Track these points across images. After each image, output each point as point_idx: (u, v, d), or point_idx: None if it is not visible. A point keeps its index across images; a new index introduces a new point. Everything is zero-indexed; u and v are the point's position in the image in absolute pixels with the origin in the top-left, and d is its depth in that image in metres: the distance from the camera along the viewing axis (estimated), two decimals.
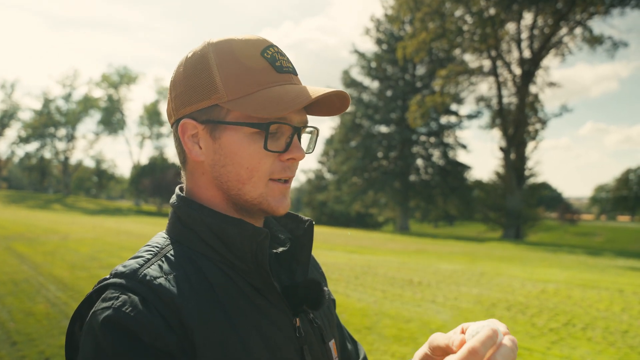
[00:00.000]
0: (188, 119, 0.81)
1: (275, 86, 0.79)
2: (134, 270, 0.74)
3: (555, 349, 5.26)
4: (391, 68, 37.20)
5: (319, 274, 1.05)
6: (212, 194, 0.83)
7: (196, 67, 0.80)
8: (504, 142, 30.17)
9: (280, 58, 0.82)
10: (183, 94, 0.82)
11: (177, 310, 0.70)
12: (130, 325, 0.67)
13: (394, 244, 19.76)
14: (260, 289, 0.79)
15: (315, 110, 0.87)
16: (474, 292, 8.20)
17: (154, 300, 0.70)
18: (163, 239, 0.83)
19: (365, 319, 6.28)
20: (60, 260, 10.39)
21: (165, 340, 0.68)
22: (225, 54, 0.79)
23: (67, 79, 59.15)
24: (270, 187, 0.81)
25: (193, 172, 0.85)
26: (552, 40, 28.69)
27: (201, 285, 0.76)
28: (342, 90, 0.80)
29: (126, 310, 0.68)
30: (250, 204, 0.81)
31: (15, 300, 6.70)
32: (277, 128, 0.79)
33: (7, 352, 4.69)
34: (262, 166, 0.79)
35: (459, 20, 29.27)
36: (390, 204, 38.74)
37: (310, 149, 0.90)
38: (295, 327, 0.81)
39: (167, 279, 0.73)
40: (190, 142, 0.82)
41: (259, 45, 0.81)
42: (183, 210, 0.83)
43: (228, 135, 0.79)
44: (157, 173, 47.06)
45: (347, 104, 0.84)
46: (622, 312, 6.97)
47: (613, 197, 63.57)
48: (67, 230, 17.63)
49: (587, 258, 15.73)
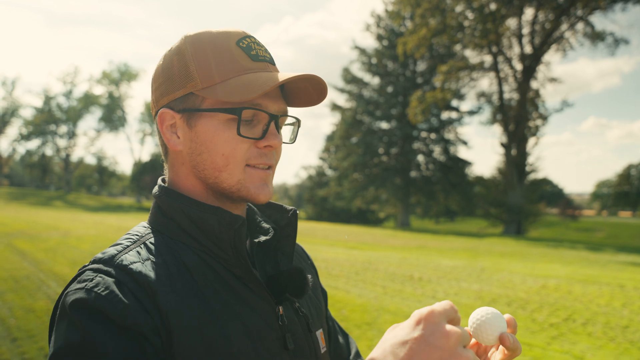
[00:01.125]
0: (166, 108, 0.82)
1: (249, 73, 0.79)
2: (112, 255, 0.75)
3: (555, 344, 5.26)
4: (392, 64, 37.08)
5: (308, 265, 1.04)
6: (191, 184, 0.84)
7: (172, 59, 0.82)
8: (505, 137, 30.10)
9: (256, 48, 0.83)
10: (162, 85, 0.83)
11: (152, 294, 0.71)
12: (100, 305, 0.67)
13: (395, 240, 19.76)
14: (242, 277, 0.79)
15: (294, 101, 0.87)
16: (475, 288, 8.20)
17: (129, 283, 0.70)
18: (144, 228, 0.84)
19: (365, 314, 6.29)
20: (61, 257, 10.41)
21: (137, 321, 0.68)
22: (201, 44, 0.81)
23: (67, 76, 59.11)
24: (249, 174, 0.81)
25: (174, 163, 0.86)
26: (553, 36, 28.57)
27: (180, 273, 0.76)
28: (316, 75, 0.80)
29: (98, 290, 0.68)
30: (229, 192, 0.82)
31: (16, 297, 6.71)
32: (253, 115, 0.80)
33: (8, 348, 4.70)
34: (238, 152, 0.80)
35: (460, 16, 29.15)
36: (391, 200, 38.71)
37: (291, 139, 0.91)
38: (278, 315, 0.81)
39: (144, 264, 0.74)
40: (169, 132, 0.83)
41: (234, 35, 0.82)
42: (163, 199, 0.84)
43: (203, 122, 0.80)
44: (159, 170, 46.55)
45: (324, 92, 0.84)
46: (622, 308, 6.97)
47: (614, 192, 63.44)
48: (68, 227, 17.65)
49: (588, 254, 15.72)
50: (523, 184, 30.22)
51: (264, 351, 0.77)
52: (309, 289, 0.84)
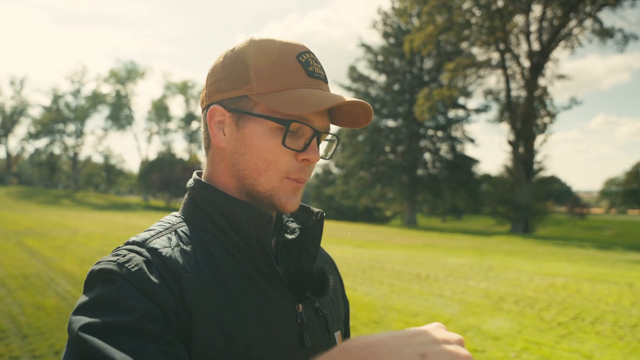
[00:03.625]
0: (217, 105, 0.85)
1: (303, 88, 0.82)
2: (145, 239, 0.79)
3: (563, 343, 5.24)
4: (398, 61, 36.97)
5: (331, 269, 1.05)
6: (227, 180, 0.87)
7: (234, 59, 0.85)
8: (513, 135, 29.92)
9: (313, 64, 0.86)
10: (218, 81, 0.86)
11: (178, 278, 0.74)
12: (130, 278, 0.71)
13: (402, 238, 19.73)
14: (265, 272, 0.82)
15: (339, 120, 0.90)
16: (482, 286, 8.18)
17: (158, 264, 0.74)
18: (175, 218, 0.87)
19: (372, 312, 6.29)
20: (70, 254, 10.49)
21: (160, 299, 0.70)
22: (263, 51, 0.84)
23: (75, 75, 59.43)
24: (284, 183, 0.84)
25: (214, 158, 0.88)
26: (561, 33, 28.33)
27: (206, 262, 0.79)
28: (366, 102, 0.84)
29: (129, 266, 0.72)
30: (262, 195, 0.85)
31: (25, 295, 6.78)
32: (298, 128, 0.83)
33: (18, 345, 4.75)
34: (280, 161, 0.83)
35: (467, 13, 28.99)
36: (397, 198, 38.63)
37: (327, 155, 0.94)
38: (298, 313, 0.83)
39: (173, 250, 0.78)
40: (216, 128, 0.86)
41: (296, 49, 0.85)
42: (197, 191, 0.87)
43: (252, 126, 0.83)
44: (166, 168, 47.32)
45: (370, 116, 0.87)
46: (631, 306, 6.92)
47: (623, 190, 62.86)
48: (76, 225, 17.78)
49: (597, 252, 15.62)
50: (530, 182, 30.05)
51: (280, 346, 0.79)
52: (329, 290, 0.87)
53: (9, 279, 7.83)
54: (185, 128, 60.65)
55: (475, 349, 4.97)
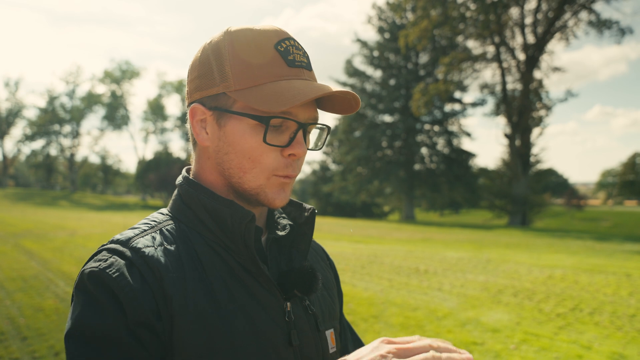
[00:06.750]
0: (198, 104, 0.83)
1: (282, 80, 0.79)
2: (129, 238, 0.78)
3: (562, 334, 5.26)
4: (394, 57, 36.92)
5: (325, 265, 1.04)
6: (214, 178, 0.86)
7: (210, 55, 0.83)
8: (509, 128, 29.95)
9: (294, 52, 0.82)
10: (196, 78, 0.84)
11: (160, 278, 0.74)
12: (111, 285, 0.71)
13: (400, 233, 19.76)
14: (252, 270, 0.81)
15: (329, 107, 0.87)
16: (481, 279, 8.20)
17: (140, 266, 0.74)
18: (162, 215, 0.87)
19: (372, 307, 6.30)
20: (69, 256, 10.47)
21: (143, 307, 0.71)
22: (239, 44, 0.81)
23: (70, 76, 59.21)
24: (272, 181, 0.82)
25: (200, 156, 0.87)
26: (556, 25, 28.34)
27: (190, 261, 0.78)
28: (349, 91, 0.80)
29: (110, 272, 0.73)
30: (248, 193, 0.83)
31: (24, 296, 6.77)
32: (281, 122, 0.80)
33: (18, 347, 4.74)
34: (265, 159, 0.80)
35: (461, 7, 28.96)
36: (395, 193, 38.66)
37: (319, 146, 0.91)
38: (285, 311, 0.82)
39: (156, 249, 0.77)
40: (198, 127, 0.84)
41: (274, 37, 0.81)
42: (184, 188, 0.87)
43: (232, 124, 0.81)
44: (163, 167, 47.15)
45: (358, 102, 0.85)
46: (629, 297, 6.95)
47: (620, 181, 63.07)
48: (74, 226, 17.75)
49: (594, 243, 15.68)
50: (528, 174, 30.11)
51: (267, 345, 0.78)
52: (317, 288, 0.84)
53: (8, 281, 7.81)
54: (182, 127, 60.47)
55: (475, 341, 4.99)
